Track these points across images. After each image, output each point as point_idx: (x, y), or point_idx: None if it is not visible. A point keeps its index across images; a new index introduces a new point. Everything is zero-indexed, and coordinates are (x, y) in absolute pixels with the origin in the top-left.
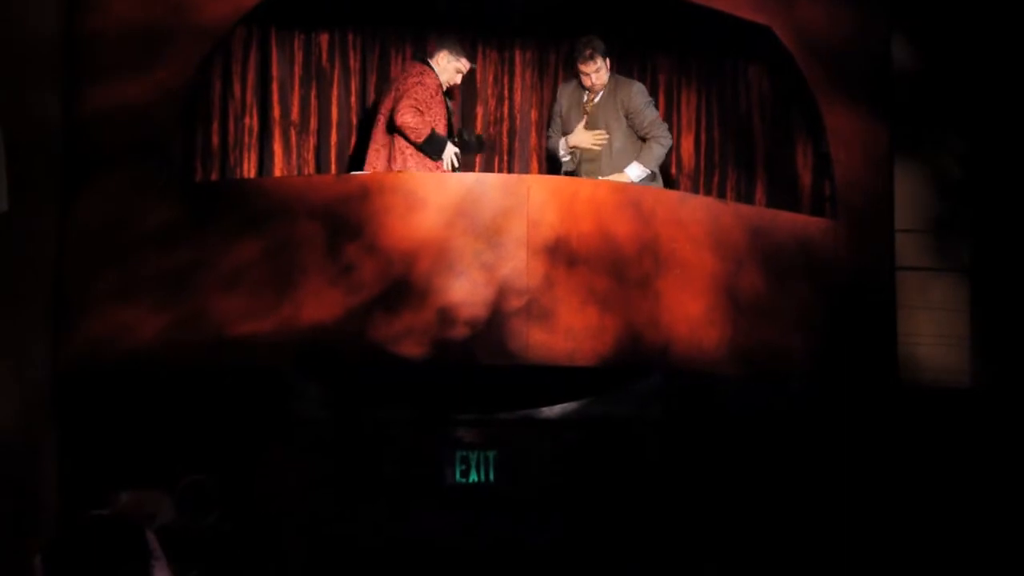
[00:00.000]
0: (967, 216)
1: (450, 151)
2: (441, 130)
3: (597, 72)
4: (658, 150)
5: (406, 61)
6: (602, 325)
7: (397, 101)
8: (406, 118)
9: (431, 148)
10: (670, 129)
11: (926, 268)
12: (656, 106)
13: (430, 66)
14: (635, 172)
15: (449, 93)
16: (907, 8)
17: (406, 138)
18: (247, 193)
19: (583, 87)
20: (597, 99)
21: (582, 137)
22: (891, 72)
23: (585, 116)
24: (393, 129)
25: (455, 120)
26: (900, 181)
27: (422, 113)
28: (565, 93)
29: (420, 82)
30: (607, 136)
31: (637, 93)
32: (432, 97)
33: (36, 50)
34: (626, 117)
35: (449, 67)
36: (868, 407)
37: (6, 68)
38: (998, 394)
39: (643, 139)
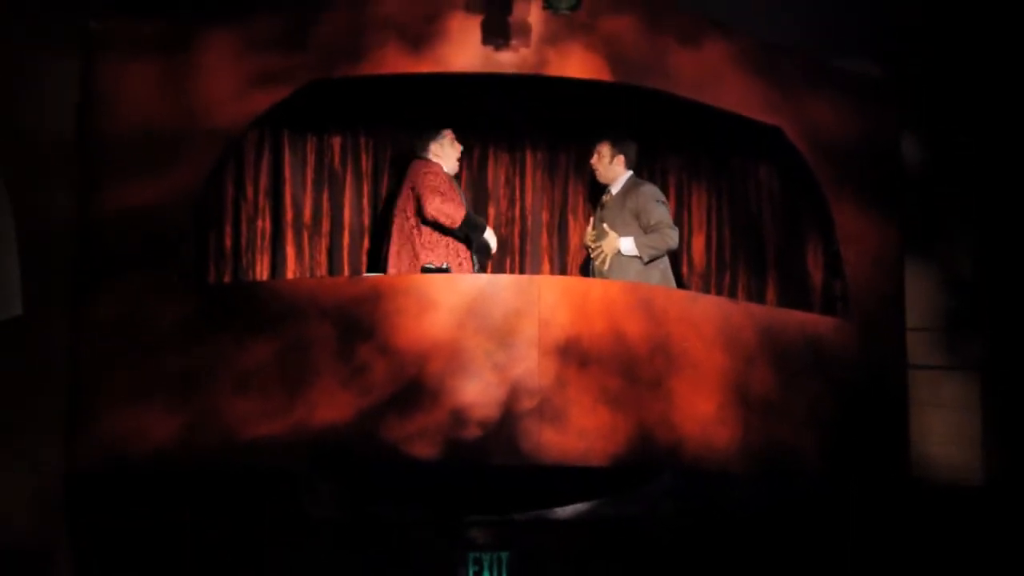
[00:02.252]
0: (978, 314)
1: (490, 230)
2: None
3: (598, 160)
4: (657, 239)
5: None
6: (614, 425)
7: (419, 197)
8: (436, 205)
9: (471, 227)
10: (681, 229)
11: (938, 366)
12: (667, 206)
13: (430, 160)
14: (626, 245)
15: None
16: (916, 108)
17: (440, 228)
18: (260, 295)
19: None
20: (611, 197)
21: (586, 232)
22: (901, 171)
23: (600, 210)
24: (423, 221)
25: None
26: (911, 280)
27: (448, 199)
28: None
29: (431, 172)
30: (598, 241)
31: (647, 193)
32: (449, 185)
33: (51, 152)
34: (637, 218)
35: (448, 152)
36: (881, 505)
37: (22, 169)
38: (1011, 492)
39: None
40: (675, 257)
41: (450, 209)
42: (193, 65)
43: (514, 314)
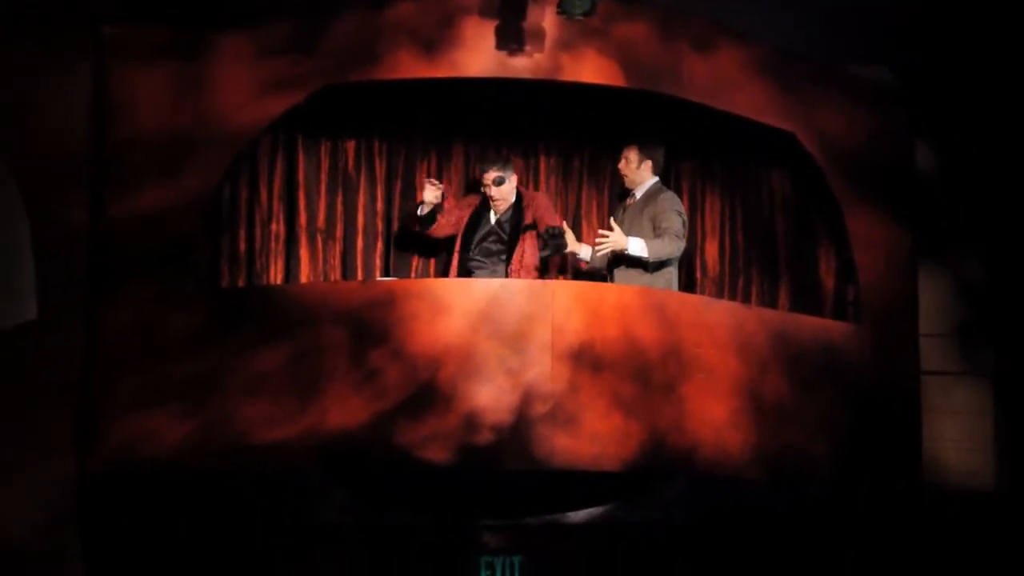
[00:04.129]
0: (990, 320)
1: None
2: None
3: (626, 165)
4: (665, 244)
5: (431, 168)
6: (627, 430)
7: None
8: None
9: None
10: (695, 234)
11: (950, 372)
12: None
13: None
14: (635, 244)
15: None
16: (929, 114)
17: None
18: (273, 299)
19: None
20: (634, 201)
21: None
22: (913, 177)
23: (621, 213)
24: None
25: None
26: (923, 286)
27: None
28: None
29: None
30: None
31: (667, 199)
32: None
33: (65, 158)
34: (652, 222)
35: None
36: (893, 511)
37: (35, 176)
38: (1022, 497)
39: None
40: (688, 262)
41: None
42: (207, 70)
43: (527, 319)
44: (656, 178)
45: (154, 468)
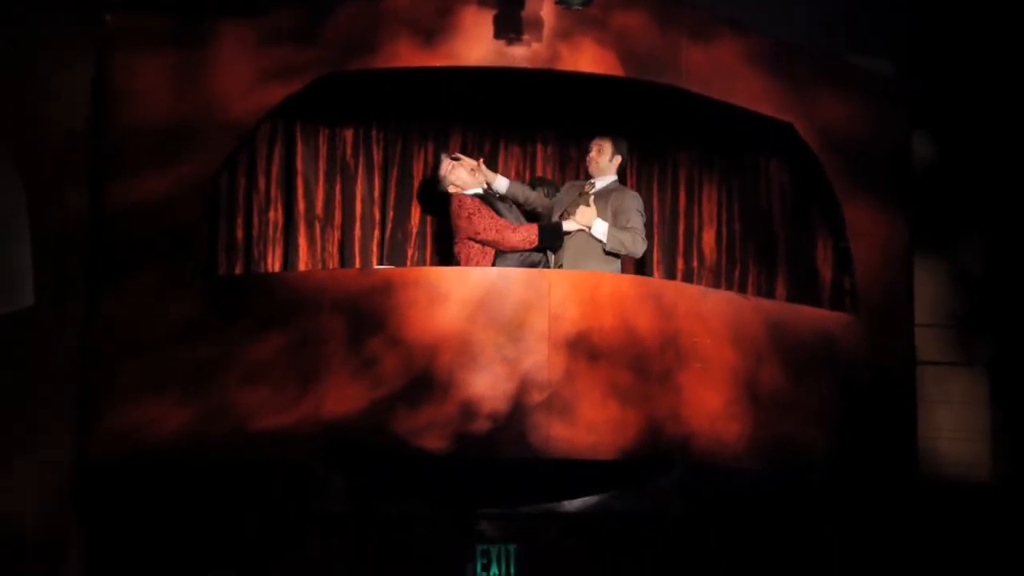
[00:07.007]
0: (987, 311)
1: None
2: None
3: (598, 153)
4: (628, 238)
5: (428, 158)
6: (623, 419)
7: (462, 241)
8: (489, 236)
9: (550, 241)
10: (692, 224)
11: (946, 363)
12: (677, 200)
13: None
14: (599, 226)
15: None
16: (927, 105)
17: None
18: (271, 287)
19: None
20: (593, 191)
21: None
22: (911, 168)
23: (578, 198)
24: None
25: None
26: (920, 276)
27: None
28: (571, 187)
29: (460, 214)
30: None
31: (630, 197)
32: (479, 210)
33: (65, 144)
34: (614, 217)
35: (461, 175)
36: (888, 501)
37: (35, 162)
38: (1019, 488)
39: None
40: (686, 251)
41: (498, 237)
42: (207, 58)
43: (524, 307)
44: (616, 176)
45: (153, 455)
